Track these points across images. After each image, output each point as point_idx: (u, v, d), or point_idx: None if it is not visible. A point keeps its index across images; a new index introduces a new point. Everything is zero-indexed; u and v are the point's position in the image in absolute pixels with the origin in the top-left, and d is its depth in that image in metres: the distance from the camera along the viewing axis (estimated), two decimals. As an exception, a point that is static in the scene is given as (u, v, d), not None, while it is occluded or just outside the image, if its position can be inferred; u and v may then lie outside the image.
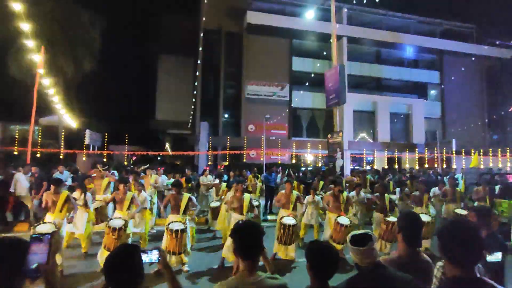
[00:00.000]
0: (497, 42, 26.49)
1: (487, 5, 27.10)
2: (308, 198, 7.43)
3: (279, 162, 20.62)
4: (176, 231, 5.17)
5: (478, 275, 1.52)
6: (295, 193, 6.61)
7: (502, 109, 25.49)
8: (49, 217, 5.59)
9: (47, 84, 13.34)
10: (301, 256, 6.13)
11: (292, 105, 23.99)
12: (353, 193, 7.68)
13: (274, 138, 22.24)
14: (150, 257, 1.82)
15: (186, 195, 5.93)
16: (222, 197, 8.33)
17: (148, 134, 30.81)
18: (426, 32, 27.10)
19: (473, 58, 26.37)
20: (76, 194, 6.42)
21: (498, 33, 26.53)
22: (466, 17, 27.57)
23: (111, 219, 5.48)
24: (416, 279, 1.83)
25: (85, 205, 6.37)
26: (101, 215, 6.79)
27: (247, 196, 6.05)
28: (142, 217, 6.79)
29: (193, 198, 6.16)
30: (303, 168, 20.05)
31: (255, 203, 7.72)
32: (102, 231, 6.19)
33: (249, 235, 1.84)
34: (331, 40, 13.29)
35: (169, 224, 5.40)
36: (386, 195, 6.95)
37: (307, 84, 20.85)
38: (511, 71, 27.32)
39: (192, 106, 22.42)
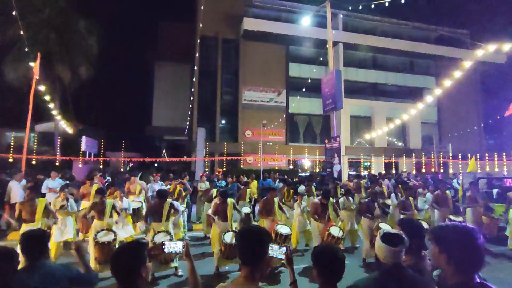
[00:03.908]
0: (491, 47, 26.71)
1: (480, 10, 27.47)
2: (295, 205, 7.45)
3: (276, 167, 20.58)
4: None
5: (478, 280, 1.50)
6: (276, 200, 6.62)
7: (498, 113, 25.64)
8: (27, 228, 5.25)
9: (43, 91, 13.29)
10: (297, 263, 6.08)
11: (289, 110, 24.04)
12: (341, 199, 7.72)
13: (271, 143, 22.24)
14: (174, 247, 2.04)
15: (167, 201, 5.81)
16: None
17: (145, 141, 30.76)
18: (421, 37, 27.37)
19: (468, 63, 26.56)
20: (58, 199, 6.34)
21: (491, 38, 26.79)
22: (460, 22, 27.90)
23: (98, 232, 5.30)
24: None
25: (67, 209, 6.28)
26: (87, 223, 6.73)
27: (230, 201, 6.02)
28: (126, 222, 6.76)
29: (175, 203, 6.03)
30: (301, 174, 20.02)
31: (246, 210, 7.71)
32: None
33: (249, 241, 1.77)
34: (327, 46, 13.35)
35: (154, 236, 5.31)
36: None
37: (304, 89, 20.95)
38: (505, 75, 27.57)
39: (189, 112, 22.41)
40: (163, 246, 2.02)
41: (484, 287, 1.47)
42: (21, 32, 10.92)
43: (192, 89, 21.92)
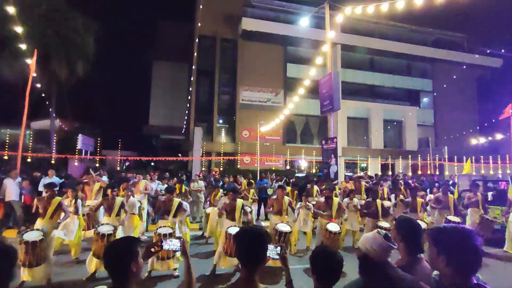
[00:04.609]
0: (488, 51, 26.97)
1: (478, 14, 27.64)
2: (301, 204, 7.42)
3: (273, 168, 20.59)
4: (164, 235, 5.16)
5: (476, 282, 1.50)
6: (286, 199, 6.55)
7: (493, 116, 25.87)
8: (39, 223, 5.46)
9: (40, 88, 13.19)
10: (294, 263, 6.07)
11: (286, 111, 24.01)
12: (346, 199, 7.68)
13: (268, 144, 22.23)
14: (171, 244, 2.04)
15: (176, 200, 5.93)
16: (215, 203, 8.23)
17: (142, 139, 30.62)
18: (418, 40, 27.53)
19: (464, 67, 26.79)
20: (66, 200, 6.30)
21: (488, 42, 27.05)
22: (457, 26, 28.06)
23: (100, 225, 5.37)
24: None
25: (76, 211, 6.26)
26: (91, 220, 6.69)
27: (239, 201, 6.04)
28: (132, 221, 6.73)
29: (184, 203, 6.12)
30: (297, 175, 20.03)
31: (248, 209, 7.68)
32: (91, 237, 6.05)
33: (249, 241, 1.75)
34: (325, 47, 13.37)
35: (157, 228, 5.40)
36: (378, 200, 6.95)
37: (301, 90, 20.97)
38: (501, 79, 27.80)
39: (186, 112, 22.36)
40: (162, 243, 2.03)
41: None
42: (18, 29, 10.81)
43: (190, 89, 21.88)
